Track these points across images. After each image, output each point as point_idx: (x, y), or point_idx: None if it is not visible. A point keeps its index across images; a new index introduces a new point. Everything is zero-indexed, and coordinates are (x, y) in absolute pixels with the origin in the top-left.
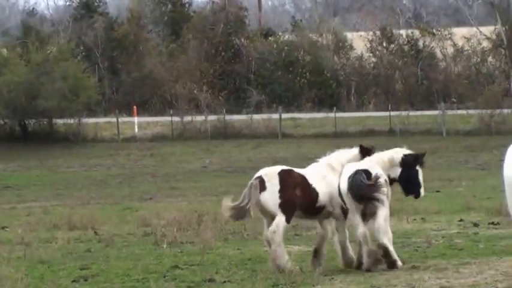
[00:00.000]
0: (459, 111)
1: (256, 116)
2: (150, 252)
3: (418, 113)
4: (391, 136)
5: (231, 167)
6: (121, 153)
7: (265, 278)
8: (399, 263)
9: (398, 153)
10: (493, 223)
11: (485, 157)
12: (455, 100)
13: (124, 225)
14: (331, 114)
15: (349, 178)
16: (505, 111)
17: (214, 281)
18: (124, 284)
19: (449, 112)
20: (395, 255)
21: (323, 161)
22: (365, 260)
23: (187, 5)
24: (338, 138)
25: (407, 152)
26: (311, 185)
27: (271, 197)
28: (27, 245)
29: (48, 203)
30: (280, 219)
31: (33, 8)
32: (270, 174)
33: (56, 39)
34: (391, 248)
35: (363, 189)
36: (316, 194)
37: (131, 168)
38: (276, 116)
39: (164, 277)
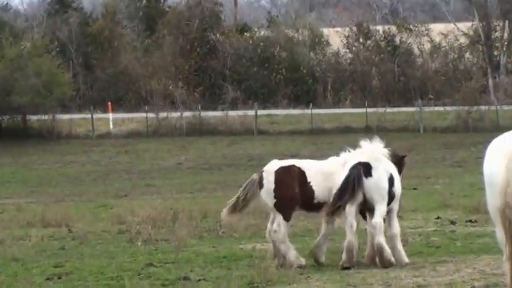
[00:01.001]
0: (436, 108)
1: (231, 113)
2: (125, 249)
3: (395, 109)
4: (367, 133)
5: (206, 164)
6: (95, 149)
7: (241, 276)
8: (393, 261)
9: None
10: (470, 221)
11: (462, 154)
12: (432, 97)
13: (98, 223)
14: (308, 111)
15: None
16: (483, 108)
17: (189, 279)
18: (98, 282)
19: (427, 109)
20: (389, 255)
21: (343, 156)
22: (343, 256)
23: (162, 0)
24: (314, 135)
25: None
26: (309, 182)
27: (267, 195)
28: (1, 242)
29: (21, 200)
30: (279, 218)
31: (6, 3)
32: (269, 171)
33: (30, 34)
34: (386, 247)
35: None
36: (313, 191)
37: (106, 165)
38: (251, 112)
39: (139, 275)
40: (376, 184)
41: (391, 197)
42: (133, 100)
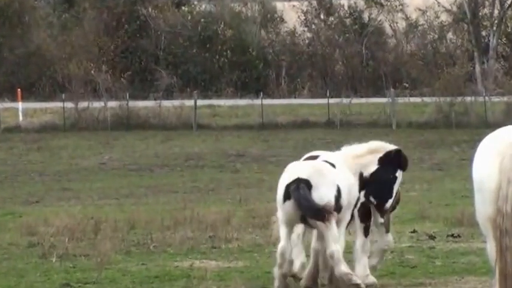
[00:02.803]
0: (412, 99)
1: (166, 103)
2: (37, 266)
3: (363, 100)
4: (329, 128)
5: (135, 164)
6: (2, 146)
7: None
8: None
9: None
10: (452, 235)
11: (443, 155)
12: (407, 85)
13: (4, 234)
14: (257, 101)
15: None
16: (468, 99)
17: None
18: None
19: (400, 100)
20: (356, 279)
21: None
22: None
23: None
24: (265, 130)
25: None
26: None
27: None
28: None
29: None
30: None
31: None
32: None
33: None
34: (350, 274)
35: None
36: None
37: (14, 164)
38: (190, 102)
39: None
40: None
41: (337, 210)
42: (48, 87)
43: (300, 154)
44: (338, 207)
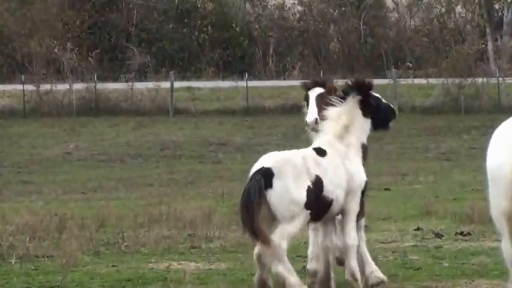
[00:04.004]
0: (416, 81)
1: (139, 85)
2: None
3: None
4: None
5: (105, 154)
6: None
7: None
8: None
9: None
10: (461, 233)
11: (451, 143)
12: (411, 65)
13: None
14: (242, 83)
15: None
16: (479, 80)
17: None
18: None
19: (403, 81)
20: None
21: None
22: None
23: None
24: (251, 115)
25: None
26: None
27: None
28: None
29: None
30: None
31: None
32: None
33: None
34: (289, 276)
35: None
36: None
37: None
38: (166, 84)
39: None
40: (280, 197)
41: (323, 204)
42: (6, 67)
43: (289, 142)
44: (322, 202)
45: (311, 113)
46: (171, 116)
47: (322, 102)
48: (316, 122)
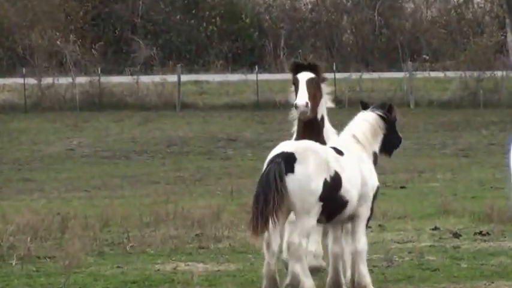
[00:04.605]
0: (433, 74)
1: (144, 78)
2: None
3: (375, 75)
4: (336, 108)
5: (109, 151)
6: None
7: None
8: None
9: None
10: (480, 233)
11: (469, 139)
12: (427, 57)
13: None
14: (252, 77)
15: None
16: (498, 74)
17: None
18: None
19: (419, 75)
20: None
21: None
22: None
23: None
24: (261, 110)
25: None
26: None
27: None
28: None
29: None
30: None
31: None
32: None
33: None
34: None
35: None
36: None
37: None
38: (173, 78)
39: None
40: (300, 184)
41: (339, 203)
42: (6, 60)
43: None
44: (338, 200)
45: (301, 96)
46: (178, 110)
47: (312, 88)
48: (306, 105)
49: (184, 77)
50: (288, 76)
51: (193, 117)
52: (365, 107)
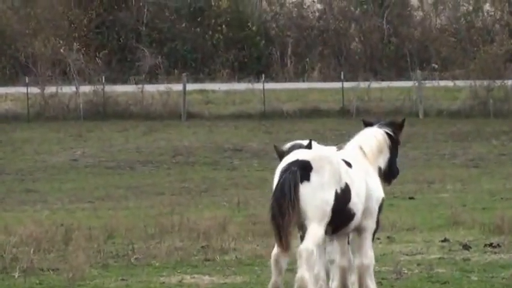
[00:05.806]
0: (442, 83)
1: (149, 87)
2: None
3: (384, 84)
4: (344, 118)
5: (113, 161)
6: None
7: None
8: None
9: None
10: (490, 245)
11: (479, 149)
12: (436, 66)
13: None
14: (258, 86)
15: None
16: (509, 83)
17: None
18: None
19: (428, 84)
20: None
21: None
22: None
23: None
24: (268, 119)
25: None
26: None
27: None
28: None
29: None
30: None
31: None
32: None
33: None
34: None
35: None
36: None
37: None
38: (178, 87)
39: None
40: (314, 192)
41: (346, 216)
42: (9, 68)
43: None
44: (346, 213)
45: None
46: (184, 120)
47: None
48: None
49: (190, 86)
50: (296, 85)
51: (198, 127)
52: (368, 125)
